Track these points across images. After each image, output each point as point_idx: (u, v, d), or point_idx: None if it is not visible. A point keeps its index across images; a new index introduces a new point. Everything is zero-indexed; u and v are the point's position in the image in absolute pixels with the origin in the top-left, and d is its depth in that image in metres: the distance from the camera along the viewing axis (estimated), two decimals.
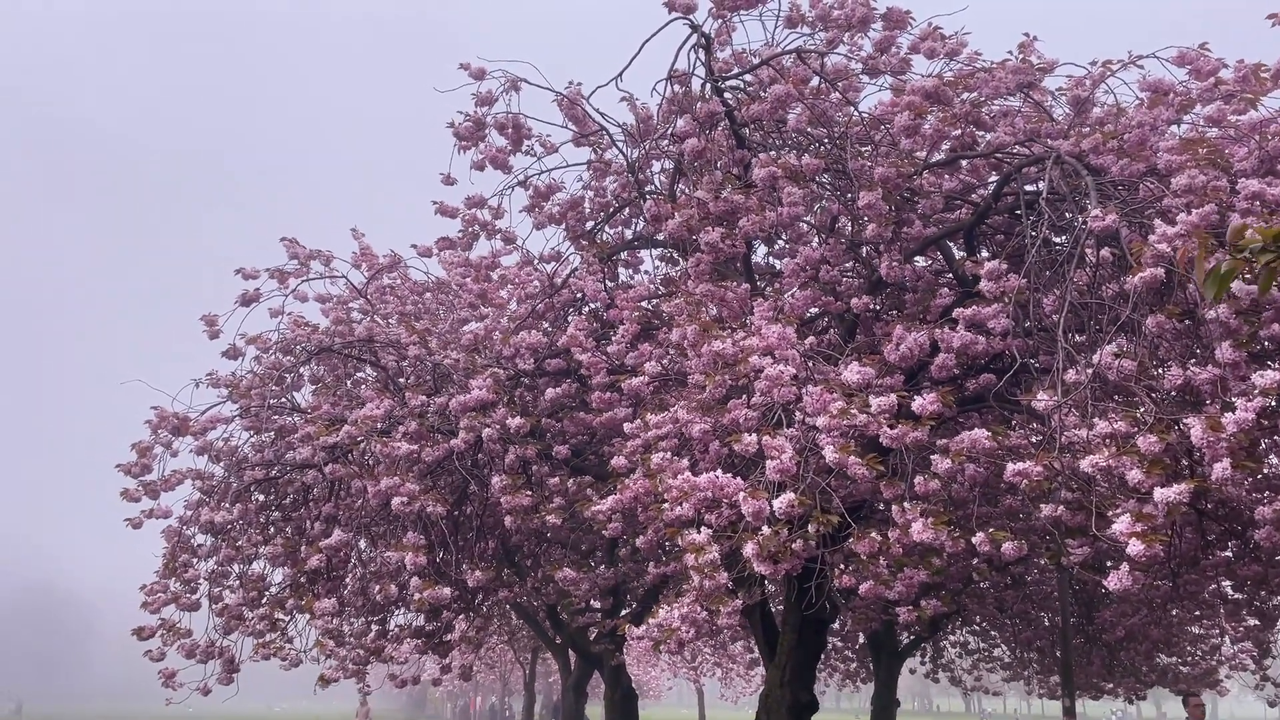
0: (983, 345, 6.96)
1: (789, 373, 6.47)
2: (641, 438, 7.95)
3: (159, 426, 10.16)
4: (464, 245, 10.93)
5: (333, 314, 10.93)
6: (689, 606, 6.77)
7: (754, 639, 10.78)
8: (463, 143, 9.41)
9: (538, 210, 10.32)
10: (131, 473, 10.10)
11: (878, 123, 8.13)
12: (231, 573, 10.43)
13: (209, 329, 10.45)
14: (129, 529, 10.23)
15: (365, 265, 12.13)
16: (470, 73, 9.12)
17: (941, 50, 8.18)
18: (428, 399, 9.61)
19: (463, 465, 9.64)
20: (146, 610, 9.98)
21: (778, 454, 6.32)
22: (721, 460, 7.37)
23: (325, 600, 9.27)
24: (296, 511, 10.92)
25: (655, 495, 7.18)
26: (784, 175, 7.43)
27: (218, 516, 9.72)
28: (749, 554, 6.32)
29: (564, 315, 10.69)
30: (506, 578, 11.18)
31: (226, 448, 10.39)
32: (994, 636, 19.33)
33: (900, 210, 7.84)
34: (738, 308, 7.83)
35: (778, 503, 6.11)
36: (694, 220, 7.58)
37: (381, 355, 10.67)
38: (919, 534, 6.29)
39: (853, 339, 8.46)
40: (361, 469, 9.86)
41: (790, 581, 8.95)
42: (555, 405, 10.01)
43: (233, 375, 10.64)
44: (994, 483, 7.24)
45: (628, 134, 9.74)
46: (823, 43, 8.45)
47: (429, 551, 9.18)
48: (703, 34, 8.10)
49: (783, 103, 7.88)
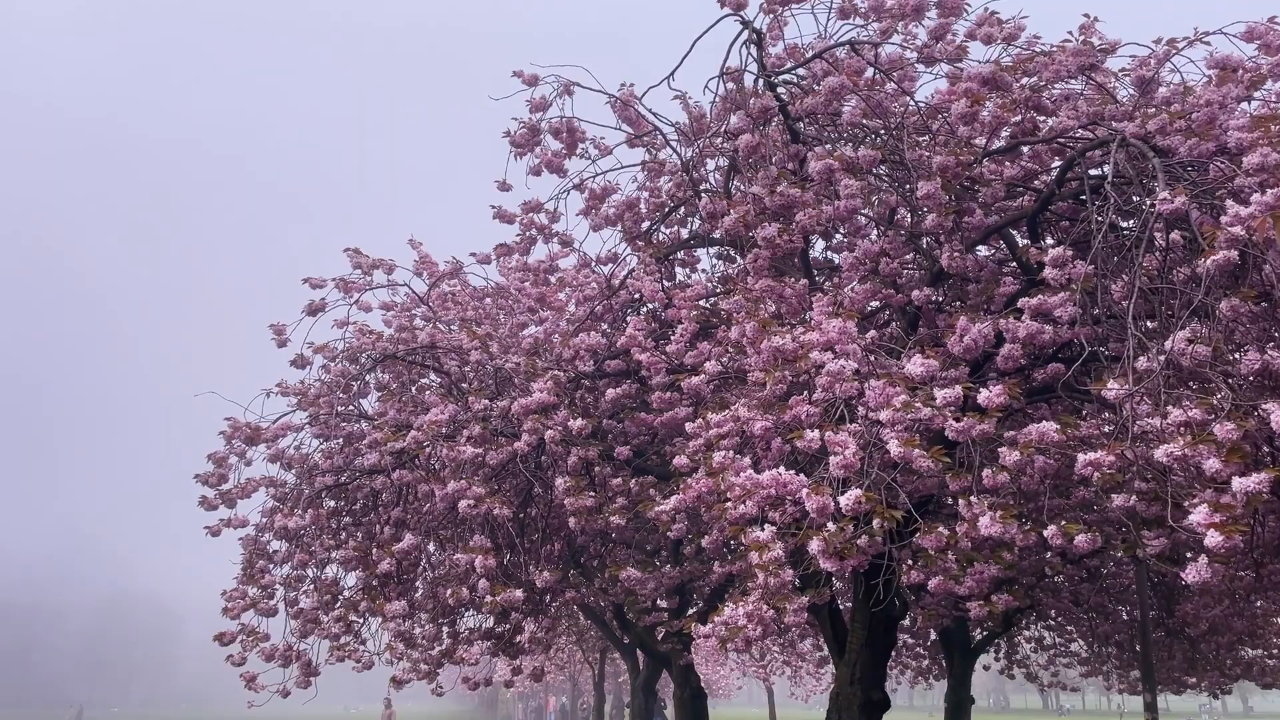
0: (1049, 334, 6.82)
1: (850, 367, 6.41)
2: (703, 437, 7.93)
3: (233, 436, 10.44)
4: (522, 250, 11.04)
5: (396, 322, 11.13)
6: (754, 605, 6.73)
7: (822, 637, 10.69)
8: (518, 149, 9.50)
9: (594, 213, 10.37)
10: (208, 482, 10.40)
11: (935, 111, 8.00)
12: (306, 577, 10.68)
13: (277, 339, 10.70)
14: (208, 536, 10.55)
15: (426, 273, 12.31)
16: (524, 79, 9.20)
17: (999, 35, 8.03)
18: (490, 403, 9.72)
19: (526, 468, 9.74)
20: (227, 616, 10.25)
21: (841, 449, 6.26)
22: (784, 457, 7.33)
23: (395, 602, 9.43)
24: (366, 516, 11.13)
25: (718, 494, 7.16)
26: (841, 168, 7.36)
27: (291, 523, 9.96)
28: (814, 551, 6.27)
29: (622, 316, 10.72)
30: (573, 579, 11.27)
31: (298, 455, 10.64)
32: (1070, 631, 18.92)
33: (960, 199, 7.71)
34: (796, 304, 7.78)
35: (844, 499, 6.06)
36: (750, 216, 7.55)
37: (444, 361, 10.82)
38: (987, 528, 6.18)
39: (915, 332, 8.35)
40: (428, 473, 10.02)
41: (858, 578, 8.87)
42: (616, 406, 10.05)
43: (301, 384, 10.89)
44: (1065, 474, 7.08)
45: (681, 133, 9.74)
46: (876, 33, 8.36)
47: (496, 554, 9.29)
48: (754, 30, 8.07)
49: (837, 95, 7.80)
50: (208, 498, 10.47)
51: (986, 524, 6.12)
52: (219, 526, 10.59)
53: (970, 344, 6.83)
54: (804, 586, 8.35)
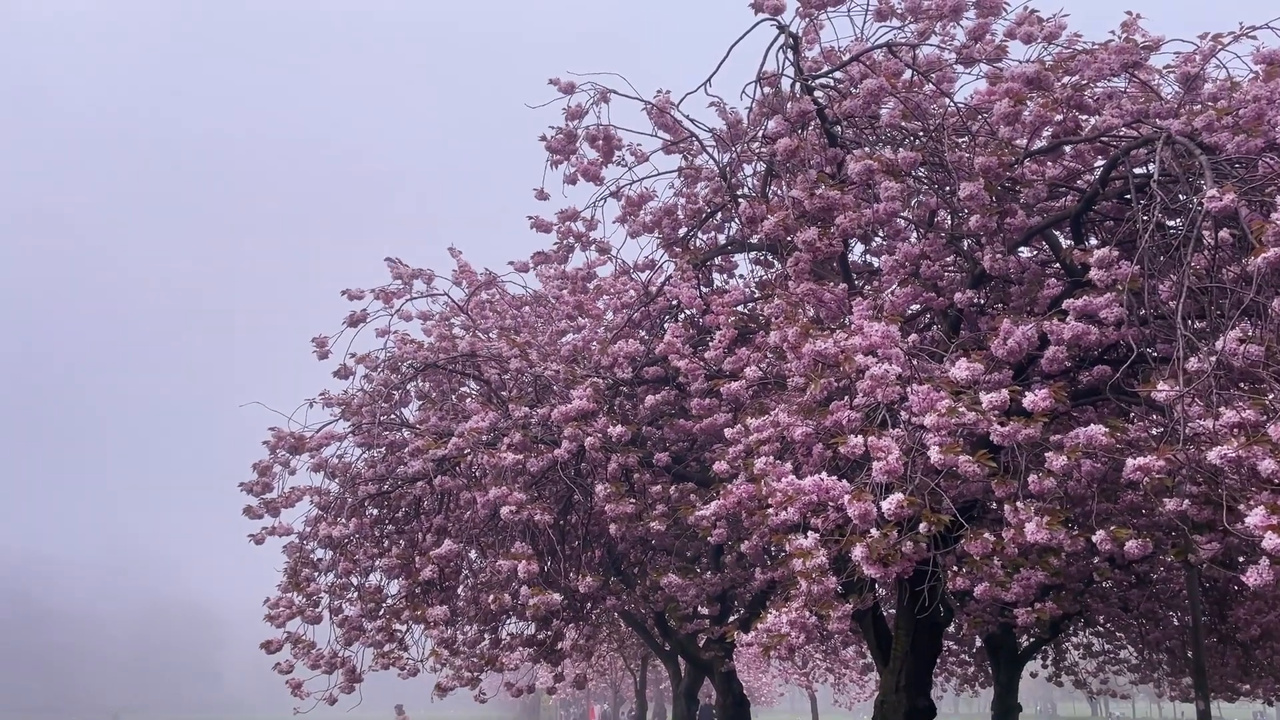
0: (1096, 336, 6.71)
1: (894, 372, 6.35)
2: (743, 442, 7.90)
3: (277, 446, 10.59)
4: (560, 258, 11.08)
5: (436, 331, 11.21)
6: (797, 611, 6.69)
7: (866, 643, 10.59)
8: (555, 157, 9.53)
9: (631, 220, 10.39)
10: (253, 491, 10.55)
11: (975, 112, 7.92)
12: (350, 585, 10.79)
13: (319, 350, 10.83)
14: (252, 545, 10.69)
15: (465, 282, 12.40)
16: (560, 88, 9.23)
17: (1039, 34, 7.93)
18: (530, 410, 9.77)
19: (566, 474, 9.76)
20: (272, 624, 10.38)
21: (884, 455, 6.20)
22: (825, 463, 7.28)
23: (437, 608, 9.49)
24: (409, 524, 11.22)
25: (759, 500, 7.12)
26: (880, 169, 7.30)
27: (335, 531, 10.06)
28: (858, 557, 6.21)
29: (660, 323, 10.72)
30: (613, 585, 11.27)
31: (341, 464, 10.76)
32: (1119, 637, 18.57)
33: (1002, 200, 7.62)
34: (836, 308, 7.73)
35: (886, 504, 6.00)
36: (789, 220, 7.52)
37: (484, 369, 10.89)
38: (1033, 534, 6.09)
39: (956, 335, 8.26)
40: (469, 480, 10.09)
41: (902, 585, 8.77)
42: (655, 412, 10.05)
43: (344, 394, 11.01)
44: (1113, 478, 6.96)
45: (718, 139, 9.72)
46: (914, 34, 8.29)
47: (538, 560, 9.32)
48: (790, 34, 8.04)
49: (875, 97, 7.75)
50: (252, 506, 10.62)
51: (1033, 530, 6.03)
52: (263, 535, 10.75)
53: (1014, 347, 6.75)
54: (847, 593, 8.28)
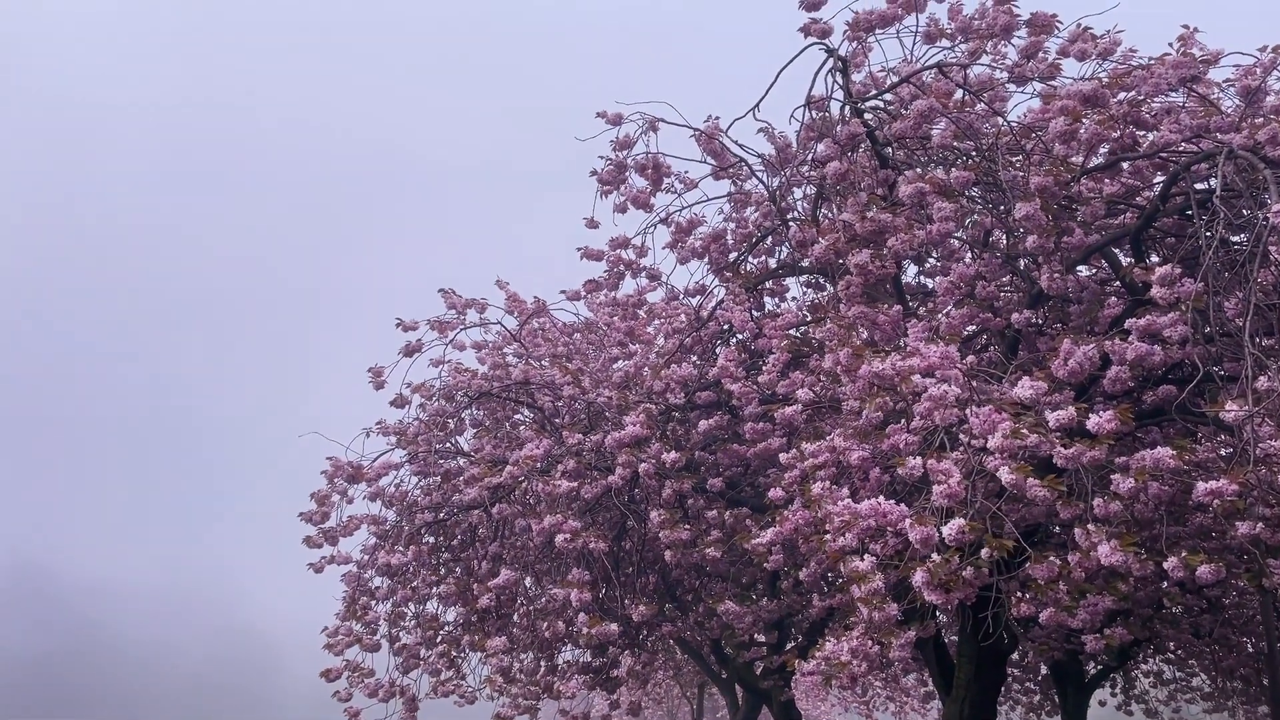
0: (1160, 356, 6.56)
1: (953, 393, 6.26)
2: (798, 467, 7.84)
3: (335, 475, 10.72)
4: (610, 285, 11.12)
5: (489, 359, 11.31)
6: (858, 639, 6.59)
7: (928, 671, 10.40)
8: (605, 187, 9.61)
9: (680, 245, 10.39)
10: (312, 520, 10.68)
11: (1029, 131, 7.83)
12: (408, 613, 10.86)
13: (375, 380, 10.97)
14: (312, 573, 10.82)
15: (516, 311, 12.50)
16: (608, 119, 9.31)
17: (1093, 51, 7.83)
18: (584, 437, 9.79)
19: (620, 501, 9.76)
20: (330, 652, 10.48)
21: (944, 478, 6.11)
22: (883, 487, 7.19)
23: (497, 638, 9.51)
24: (465, 552, 11.28)
25: (816, 525, 7.05)
26: (933, 190, 7.24)
27: (393, 559, 10.15)
28: (918, 583, 6.11)
29: (712, 347, 10.70)
30: (669, 612, 11.21)
31: (398, 493, 10.86)
32: (1191, 664, 17.99)
33: (1059, 219, 7.51)
34: (890, 330, 7.66)
35: (947, 529, 5.90)
36: (840, 243, 7.48)
37: (538, 396, 10.94)
38: (1107, 557, 5.94)
39: (1015, 356, 8.13)
40: (524, 508, 10.13)
41: (964, 611, 8.61)
42: (708, 438, 10.01)
43: (400, 423, 11.13)
44: (1181, 501, 6.78)
45: (767, 163, 9.72)
46: (965, 54, 8.24)
47: (593, 587, 9.31)
48: (839, 57, 8.03)
49: (926, 118, 7.70)
50: (311, 536, 10.75)
51: (1106, 552, 5.88)
52: (322, 563, 10.87)
53: (1075, 367, 6.62)
54: (908, 620, 8.14)
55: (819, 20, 8.00)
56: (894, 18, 8.22)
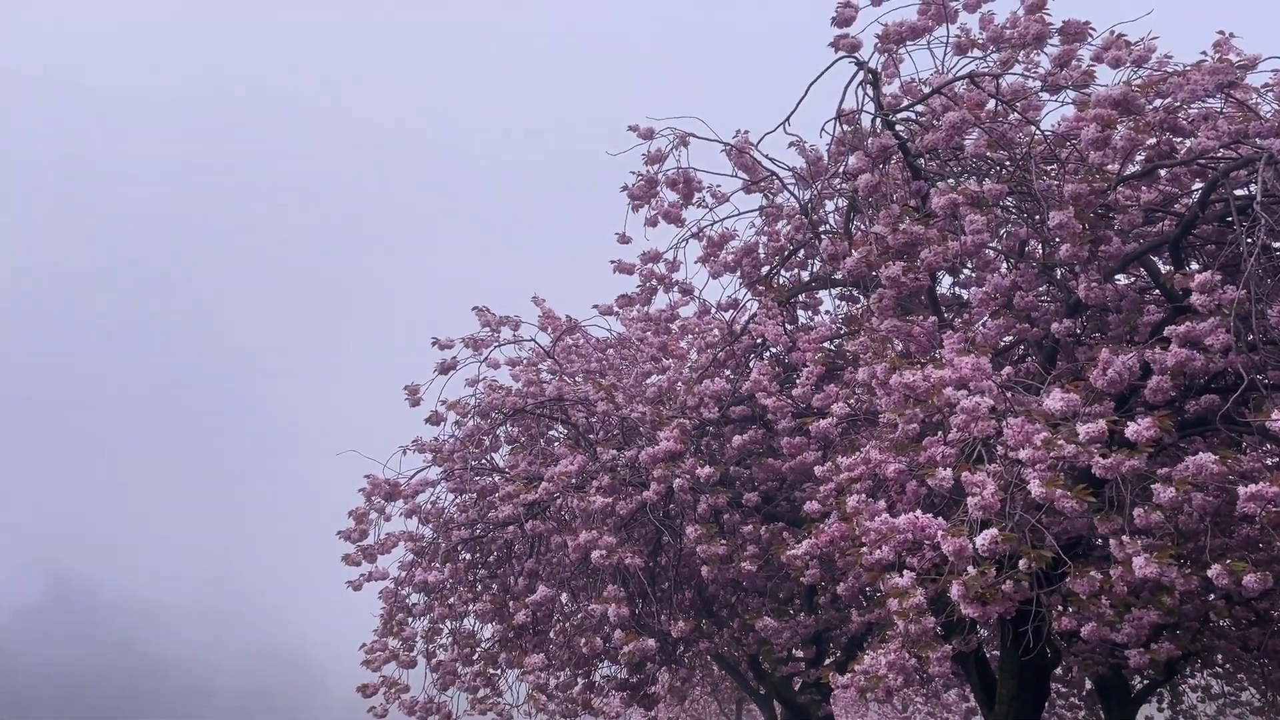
0: (1201, 363, 6.47)
1: (986, 404, 6.21)
2: (833, 480, 7.81)
3: (372, 493, 10.81)
4: (643, 300, 11.14)
5: (524, 376, 11.37)
6: (896, 653, 6.54)
7: (970, 687, 10.27)
8: (636, 202, 9.65)
9: (712, 260, 10.41)
10: (350, 538, 10.77)
11: (1063, 139, 7.77)
12: (444, 630, 10.90)
13: (411, 397, 11.07)
14: (351, 591, 10.90)
15: (550, 328, 12.56)
16: (639, 134, 9.36)
17: (1128, 58, 7.76)
18: (618, 452, 9.80)
19: (655, 516, 9.75)
20: (368, 668, 10.54)
21: (979, 490, 6.06)
22: (920, 500, 7.13)
23: (534, 655, 9.52)
24: (501, 568, 11.31)
25: (852, 539, 7.01)
26: (965, 202, 7.21)
27: (430, 576, 10.21)
28: (955, 596, 6.05)
29: (745, 362, 10.68)
30: (705, 628, 11.16)
31: (434, 510, 10.93)
32: (1240, 678, 17.60)
33: (1095, 227, 7.44)
34: (925, 341, 7.61)
35: (979, 539, 5.84)
36: (873, 256, 7.46)
37: (571, 413, 10.98)
38: (1142, 569, 5.85)
39: (1053, 366, 8.04)
40: (559, 524, 10.15)
41: (1005, 625, 8.50)
42: (743, 452, 9.98)
43: (436, 440, 11.21)
44: (1226, 511, 6.66)
45: (798, 176, 9.72)
46: (996, 64, 8.20)
47: (629, 603, 9.30)
48: (870, 70, 8.03)
49: (958, 129, 7.66)
50: (349, 553, 10.84)
51: (1141, 565, 5.80)
52: (360, 581, 10.95)
53: (1115, 377, 6.54)
54: (948, 634, 8.06)
55: (848, 35, 8.01)
56: (924, 29, 8.21)
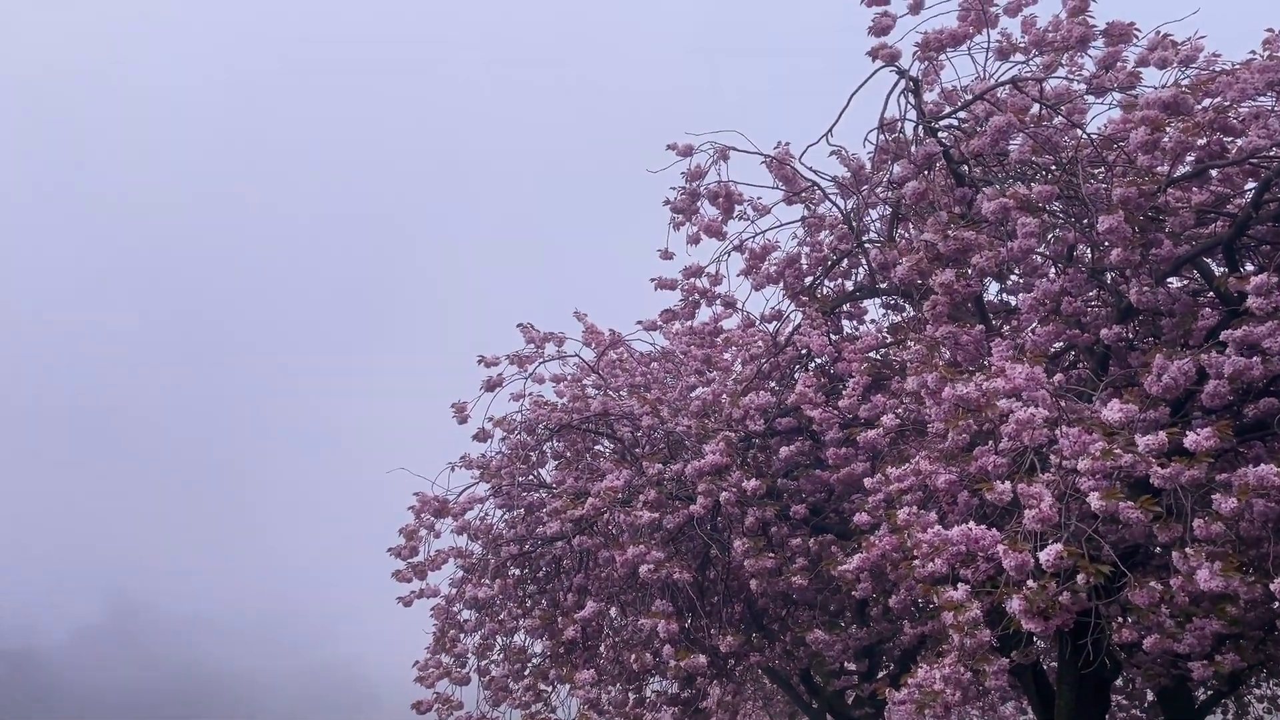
0: (1260, 369, 6.32)
1: (1041, 414, 6.11)
2: (883, 492, 7.74)
3: (422, 510, 10.90)
4: (686, 314, 11.13)
5: (569, 392, 11.41)
6: (951, 667, 6.45)
7: (1028, 700, 10.08)
8: (678, 217, 9.66)
9: (755, 272, 10.37)
10: (401, 555, 10.87)
11: (1110, 142, 7.66)
12: (496, 646, 10.94)
13: (458, 415, 11.15)
14: (402, 607, 10.99)
15: (594, 343, 12.59)
16: (678, 151, 9.38)
17: (1174, 58, 7.64)
18: (664, 466, 9.78)
19: (703, 530, 9.71)
20: (422, 684, 10.60)
21: (1035, 502, 5.97)
22: (972, 511, 7.04)
23: (584, 670, 9.52)
24: (550, 584, 11.34)
25: (903, 551, 6.94)
26: (1015, 206, 7.12)
27: (480, 592, 10.26)
28: (1014, 610, 5.96)
29: (790, 373, 10.63)
30: (756, 641, 11.09)
31: (483, 526, 10.99)
32: None
33: (1146, 231, 7.31)
34: (973, 350, 7.52)
35: (1044, 555, 5.75)
36: (923, 263, 7.39)
37: (617, 427, 10.99)
38: (1206, 582, 5.72)
39: (1105, 373, 7.90)
40: (607, 539, 10.15)
41: (1063, 637, 8.34)
42: (790, 464, 9.92)
43: (483, 457, 11.28)
44: None
45: (840, 186, 9.67)
46: (1039, 68, 8.11)
47: (678, 618, 9.27)
48: (910, 78, 7.98)
49: (1003, 134, 7.58)
50: (400, 570, 10.93)
51: (1205, 577, 5.67)
52: (411, 597, 11.03)
53: (1170, 383, 6.42)
54: (1004, 647, 7.93)
55: (887, 45, 7.98)
56: (965, 36, 8.15)
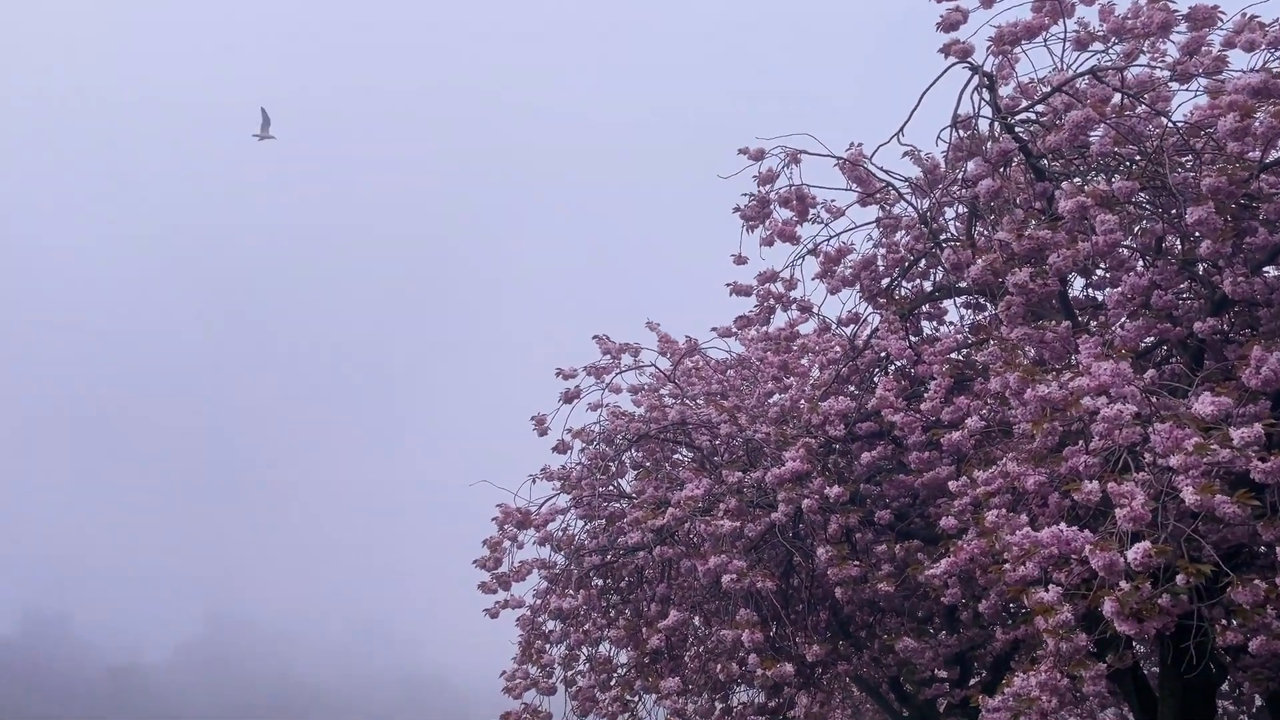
0: None
1: (1130, 411, 5.94)
2: (969, 495, 7.60)
3: (504, 522, 11.05)
4: (761, 320, 11.10)
5: (646, 401, 11.45)
6: (1047, 673, 6.30)
7: (1128, 706, 9.77)
8: (750, 222, 9.64)
9: (830, 275, 10.29)
10: (485, 567, 11.02)
11: (1197, 129, 7.42)
12: (581, 656, 11.01)
13: (538, 427, 11.29)
14: (488, 619, 11.14)
15: (669, 352, 12.62)
16: (749, 155, 9.37)
17: (1262, 41, 7.37)
18: (744, 474, 9.76)
19: (785, 538, 9.65)
20: (509, 695, 10.72)
21: (1127, 501, 5.80)
22: (1064, 513, 6.87)
23: (670, 679, 9.52)
24: (633, 594, 11.38)
25: (993, 555, 6.81)
26: (1094, 203, 6.94)
27: (564, 603, 10.35)
28: (1108, 613, 5.80)
29: (869, 377, 10.51)
30: (843, 649, 10.97)
31: (565, 537, 11.09)
32: None
33: (1239, 219, 7.06)
34: (1060, 348, 7.35)
35: (1131, 553, 5.59)
36: (998, 263, 7.25)
37: (695, 436, 10.99)
38: None
39: (1200, 367, 7.65)
40: (688, 548, 10.15)
41: (1164, 641, 8.08)
42: (872, 469, 9.81)
43: (563, 468, 11.39)
44: None
45: (915, 186, 9.55)
46: (1120, 56, 7.90)
47: (763, 627, 9.22)
48: (984, 74, 7.85)
49: (1083, 127, 7.40)
50: (485, 581, 11.09)
51: None
52: (496, 608, 11.16)
53: (1269, 375, 6.18)
54: (1101, 651, 7.72)
55: (959, 40, 7.86)
56: (1040, 27, 7.97)
